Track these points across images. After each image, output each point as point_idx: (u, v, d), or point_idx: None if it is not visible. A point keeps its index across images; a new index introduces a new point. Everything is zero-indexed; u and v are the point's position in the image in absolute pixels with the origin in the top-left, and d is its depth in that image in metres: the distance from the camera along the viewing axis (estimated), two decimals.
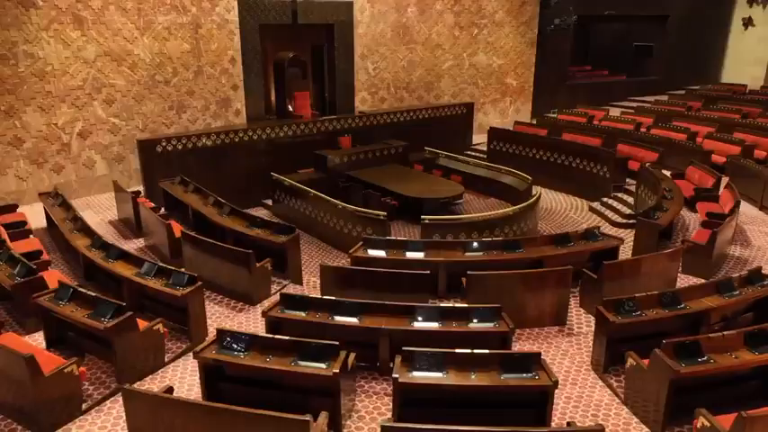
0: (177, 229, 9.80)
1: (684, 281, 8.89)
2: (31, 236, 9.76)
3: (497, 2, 18.07)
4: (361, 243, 8.91)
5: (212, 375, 5.88)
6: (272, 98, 16.25)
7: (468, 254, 8.59)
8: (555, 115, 18.45)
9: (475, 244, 8.72)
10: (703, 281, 8.37)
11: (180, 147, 12.95)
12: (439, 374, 5.39)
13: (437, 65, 17.81)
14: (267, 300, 8.47)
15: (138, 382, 6.44)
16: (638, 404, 5.98)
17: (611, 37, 24.66)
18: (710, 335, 5.84)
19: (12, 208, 10.68)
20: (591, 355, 7.02)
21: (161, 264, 7.65)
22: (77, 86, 12.41)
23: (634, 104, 20.03)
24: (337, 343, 5.65)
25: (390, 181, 13.07)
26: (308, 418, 4.47)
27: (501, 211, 11.18)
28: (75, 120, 12.54)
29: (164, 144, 12.73)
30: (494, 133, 16.45)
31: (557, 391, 6.39)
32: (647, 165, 13.54)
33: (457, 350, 5.51)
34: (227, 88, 14.61)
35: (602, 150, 13.99)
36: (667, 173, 13.47)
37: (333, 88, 16.50)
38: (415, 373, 5.42)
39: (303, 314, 6.67)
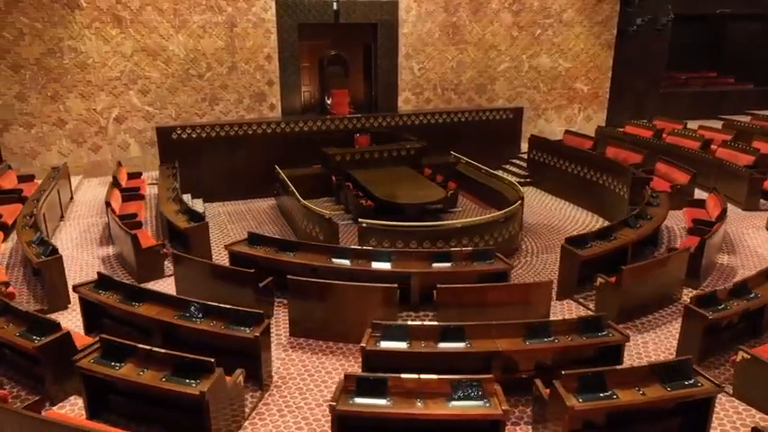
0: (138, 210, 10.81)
1: None
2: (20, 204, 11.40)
3: (565, 0, 16.57)
4: (245, 238, 9.05)
5: None
6: (311, 94, 16.78)
7: (334, 260, 8.29)
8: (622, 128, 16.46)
9: (343, 252, 8.38)
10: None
11: (194, 135, 14.03)
12: (118, 366, 5.46)
13: (491, 66, 16.87)
14: (154, 281, 9.03)
15: None
16: None
17: (746, 40, 21.10)
18: (421, 376, 5.11)
19: (30, 178, 12.57)
20: None
21: (45, 237, 8.56)
22: (115, 77, 14.10)
23: (735, 118, 17.05)
24: (59, 322, 5.98)
25: (378, 182, 12.81)
26: None
27: (449, 221, 10.50)
28: (112, 106, 14.25)
29: (179, 132, 13.92)
30: (534, 142, 15.26)
31: (296, 410, 6.09)
32: (677, 186, 11.74)
33: (139, 344, 5.52)
34: (262, 84, 15.42)
35: (622, 168, 12.29)
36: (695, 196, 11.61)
37: (376, 87, 16.54)
38: (113, 363, 5.53)
39: (105, 295, 7.06)
